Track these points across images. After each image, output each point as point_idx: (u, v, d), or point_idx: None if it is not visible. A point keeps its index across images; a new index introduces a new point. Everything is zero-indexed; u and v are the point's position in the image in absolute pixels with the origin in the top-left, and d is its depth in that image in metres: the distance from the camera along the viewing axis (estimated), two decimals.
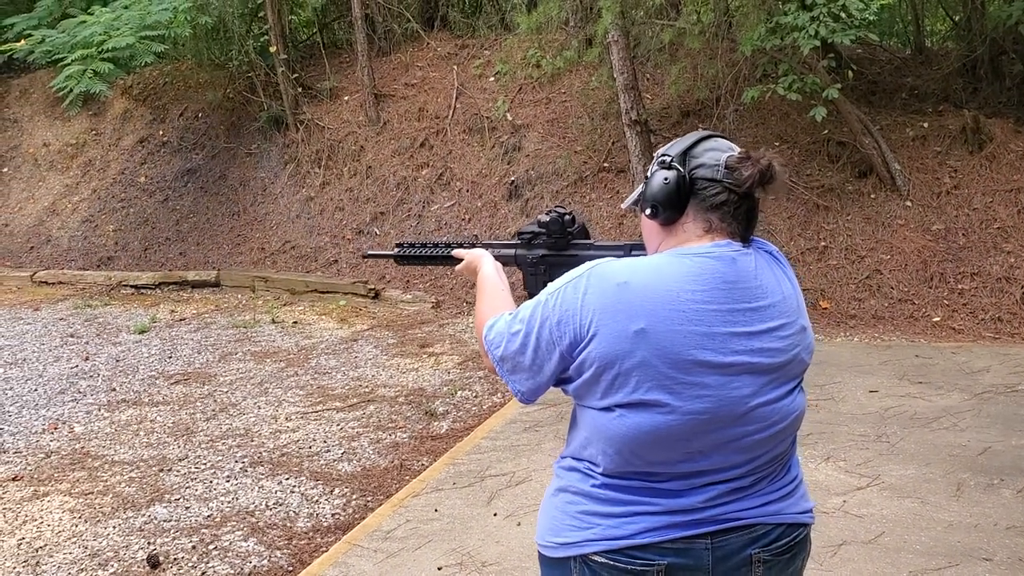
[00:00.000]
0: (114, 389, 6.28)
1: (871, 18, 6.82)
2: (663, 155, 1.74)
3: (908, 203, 7.56)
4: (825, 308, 7.05)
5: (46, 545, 4.03)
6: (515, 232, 2.08)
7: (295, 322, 8.04)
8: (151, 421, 5.59)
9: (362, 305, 8.36)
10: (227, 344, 7.38)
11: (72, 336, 7.83)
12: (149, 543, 3.99)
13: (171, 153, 11.37)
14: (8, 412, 5.83)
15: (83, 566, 3.82)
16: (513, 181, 9.13)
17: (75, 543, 4.02)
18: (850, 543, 3.55)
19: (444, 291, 8.51)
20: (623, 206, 1.82)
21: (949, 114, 8.17)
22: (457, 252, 2.14)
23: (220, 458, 4.94)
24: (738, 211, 1.68)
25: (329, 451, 4.99)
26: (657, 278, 1.60)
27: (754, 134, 8.38)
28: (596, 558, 1.63)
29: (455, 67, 10.51)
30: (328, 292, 8.57)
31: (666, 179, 1.70)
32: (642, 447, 1.60)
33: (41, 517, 4.30)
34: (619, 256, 1.85)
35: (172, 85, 11.95)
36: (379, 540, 3.82)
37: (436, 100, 10.27)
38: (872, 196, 7.70)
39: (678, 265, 1.62)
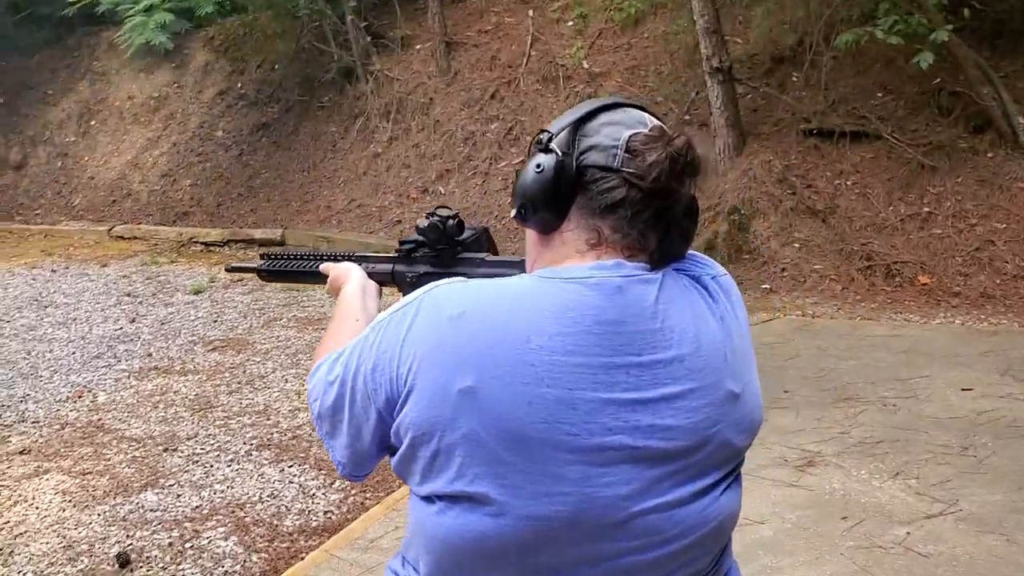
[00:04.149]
0: (150, 355, 6.08)
1: None
2: (543, 131, 1.19)
3: None
4: (924, 284, 6.21)
5: (27, 532, 3.80)
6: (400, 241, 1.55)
7: None
8: (174, 392, 5.35)
9: None
10: (274, 309, 7.11)
11: (128, 295, 7.72)
12: (128, 536, 3.70)
13: (248, 106, 11.18)
14: (40, 377, 5.70)
15: (54, 559, 3.56)
16: None
17: (55, 531, 3.77)
18: None
19: (505, 254, 7.99)
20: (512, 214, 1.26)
21: None
22: (324, 267, 1.64)
23: (229, 439, 4.63)
24: (640, 216, 1.12)
25: None
26: (501, 312, 1.08)
27: (853, 84, 7.48)
28: None
29: (531, 11, 9.86)
30: None
31: (539, 167, 1.15)
32: (464, 559, 1.10)
33: (33, 498, 4.08)
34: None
35: (251, 36, 11.71)
36: (360, 551, 3.41)
37: (510, 48, 9.67)
38: (988, 155, 6.74)
39: (538, 294, 1.09)
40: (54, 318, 7.05)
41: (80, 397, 5.33)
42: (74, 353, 6.16)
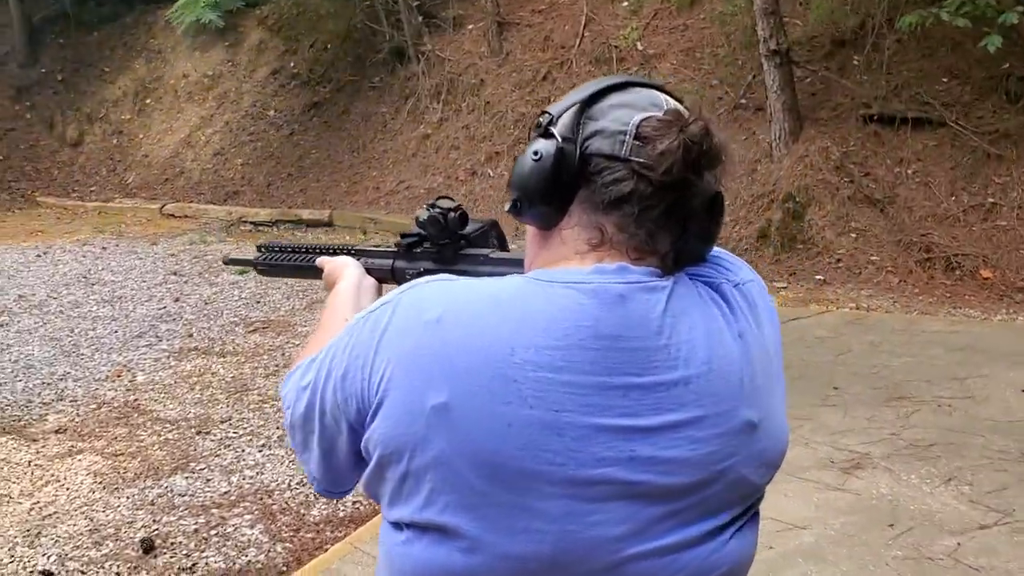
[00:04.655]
0: (191, 335, 6.08)
1: None
2: (543, 113, 1.05)
3: None
4: (987, 279, 5.92)
5: (55, 513, 3.80)
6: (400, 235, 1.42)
7: None
8: (212, 374, 5.33)
9: None
10: (318, 291, 7.07)
11: (175, 274, 7.76)
12: (154, 521, 3.67)
13: (300, 85, 11.18)
14: (81, 355, 5.74)
15: (79, 542, 3.55)
16: None
17: (83, 513, 3.76)
18: None
19: None
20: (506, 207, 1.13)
21: None
22: (320, 261, 1.51)
23: (263, 423, 4.59)
24: (649, 213, 0.98)
25: None
26: (484, 318, 0.95)
27: (917, 68, 7.16)
28: None
29: None
30: None
31: (537, 155, 1.01)
32: None
33: (65, 478, 4.09)
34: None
35: (304, 15, 11.70)
36: None
37: (563, 28, 9.48)
38: None
39: (528, 299, 0.96)
40: (100, 295, 7.11)
41: (119, 376, 5.35)
42: (116, 332, 6.19)
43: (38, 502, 3.89)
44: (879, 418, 4.08)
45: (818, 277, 6.34)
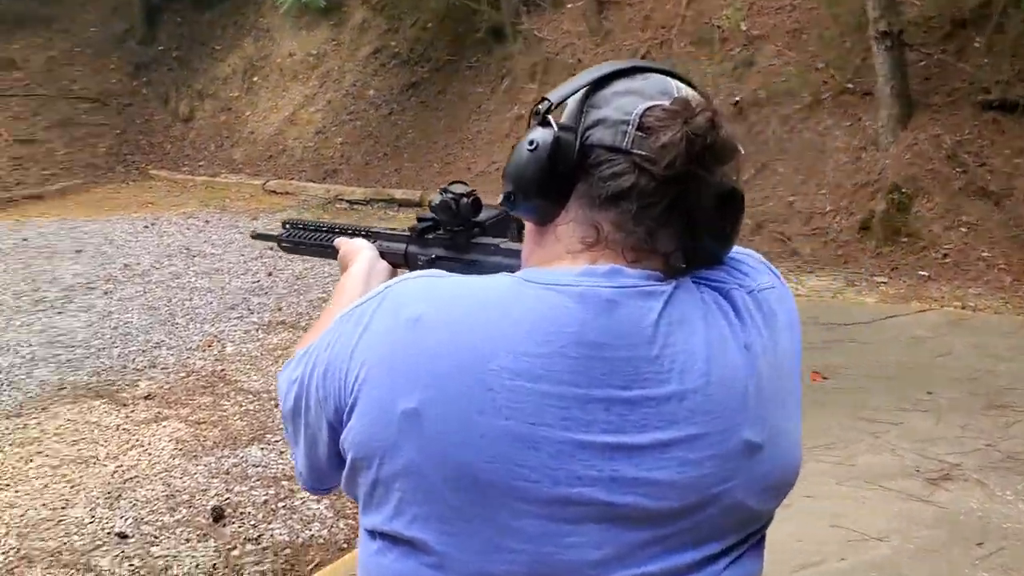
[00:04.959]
0: (280, 309, 6.21)
1: None
2: (543, 99, 0.98)
3: None
4: None
5: (136, 477, 3.92)
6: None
7: None
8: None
9: None
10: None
11: (271, 249, 7.88)
12: (227, 490, 3.76)
13: (400, 65, 11.26)
14: (176, 324, 5.92)
15: (155, 507, 3.65)
16: (738, 101, 8.02)
17: (162, 479, 3.87)
18: None
19: None
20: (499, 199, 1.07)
21: None
22: (338, 242, 1.47)
23: None
24: (650, 210, 0.90)
25: None
26: (464, 320, 0.89)
27: None
28: None
29: None
30: None
31: (532, 144, 0.94)
32: None
33: (149, 443, 4.22)
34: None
35: None
36: None
37: (664, 7, 9.25)
38: None
39: (512, 301, 0.89)
40: (199, 267, 7.33)
41: (209, 347, 5.50)
42: (211, 303, 6.37)
43: (121, 465, 4.02)
44: (974, 427, 3.83)
45: (922, 273, 6.01)
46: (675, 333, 0.88)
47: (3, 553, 3.34)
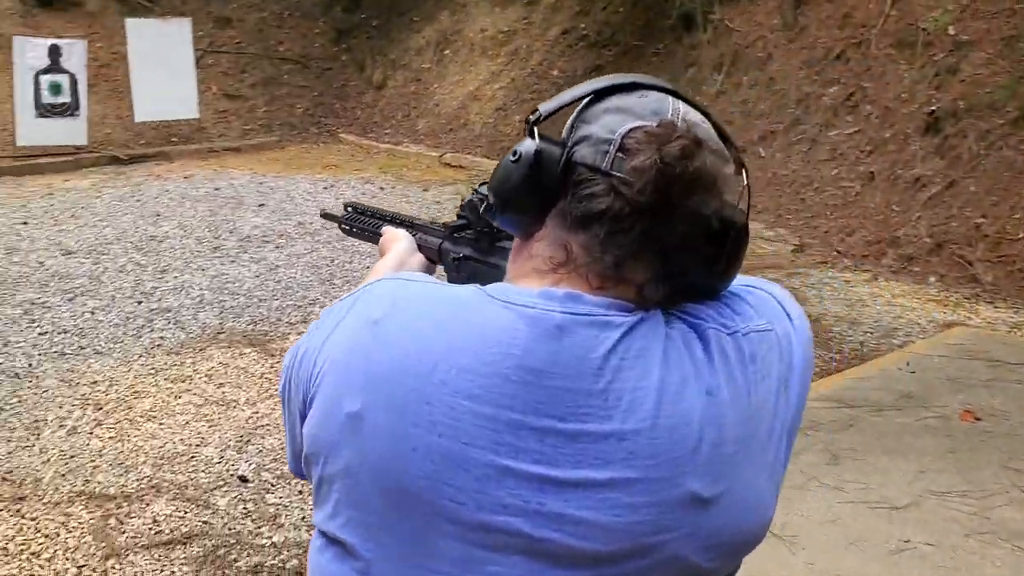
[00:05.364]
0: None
1: None
2: (535, 110, 0.95)
3: None
4: None
5: (267, 425, 4.16)
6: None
7: None
8: None
9: None
10: None
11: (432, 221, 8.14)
12: None
13: (587, 47, 11.22)
14: (334, 284, 6.21)
15: (277, 456, 3.85)
16: (934, 111, 7.46)
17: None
18: None
19: (817, 231, 7.34)
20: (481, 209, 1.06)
21: None
22: (384, 230, 1.49)
23: None
24: (619, 237, 0.86)
25: None
26: (419, 328, 0.88)
27: None
28: None
29: None
30: None
31: (515, 156, 0.93)
32: None
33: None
34: None
35: None
36: None
37: (867, 5, 8.70)
38: None
39: (471, 314, 0.88)
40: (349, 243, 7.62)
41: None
42: (368, 267, 6.61)
43: (257, 412, 4.26)
44: None
45: None
46: (628, 368, 0.83)
47: (137, 480, 3.62)
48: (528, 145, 0.91)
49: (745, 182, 0.95)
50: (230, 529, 3.31)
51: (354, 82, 13.17)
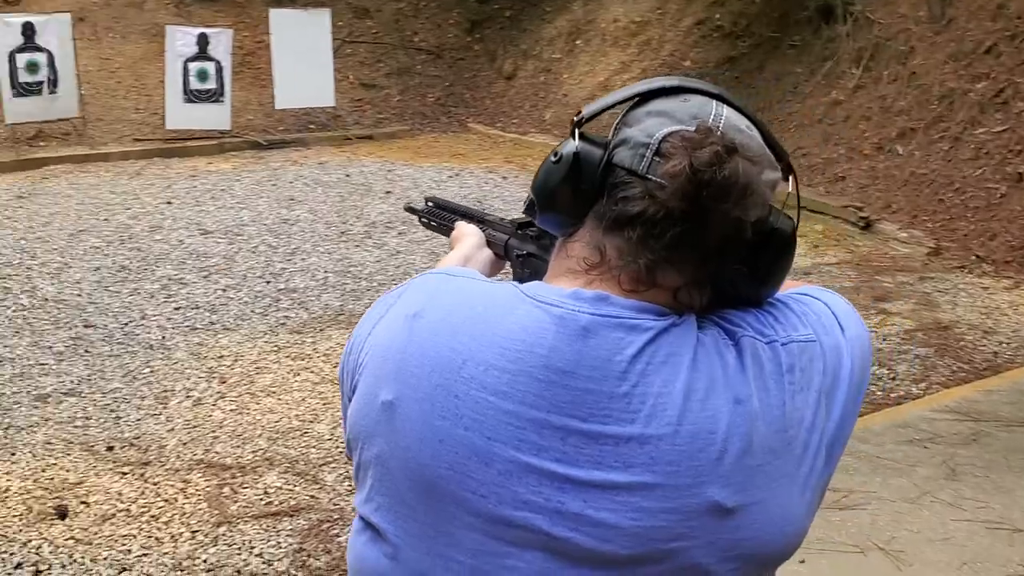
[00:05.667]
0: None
1: None
2: (578, 112, 0.97)
3: None
4: None
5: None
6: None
7: None
8: None
9: (846, 234, 7.26)
10: None
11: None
12: None
13: (721, 38, 10.98)
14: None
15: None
16: None
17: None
18: None
19: (955, 235, 6.96)
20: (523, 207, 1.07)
21: None
22: (458, 224, 1.51)
23: None
24: (652, 241, 0.85)
25: None
26: (453, 324, 0.90)
27: None
28: None
29: None
30: (815, 212, 7.59)
31: (556, 156, 0.94)
32: None
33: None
34: None
35: None
36: None
37: None
38: None
39: (503, 312, 0.89)
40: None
41: None
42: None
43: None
44: None
45: None
46: (654, 373, 0.83)
47: (253, 452, 3.80)
48: (569, 146, 0.91)
49: (791, 189, 0.93)
50: (335, 505, 3.44)
51: (485, 72, 13.32)
